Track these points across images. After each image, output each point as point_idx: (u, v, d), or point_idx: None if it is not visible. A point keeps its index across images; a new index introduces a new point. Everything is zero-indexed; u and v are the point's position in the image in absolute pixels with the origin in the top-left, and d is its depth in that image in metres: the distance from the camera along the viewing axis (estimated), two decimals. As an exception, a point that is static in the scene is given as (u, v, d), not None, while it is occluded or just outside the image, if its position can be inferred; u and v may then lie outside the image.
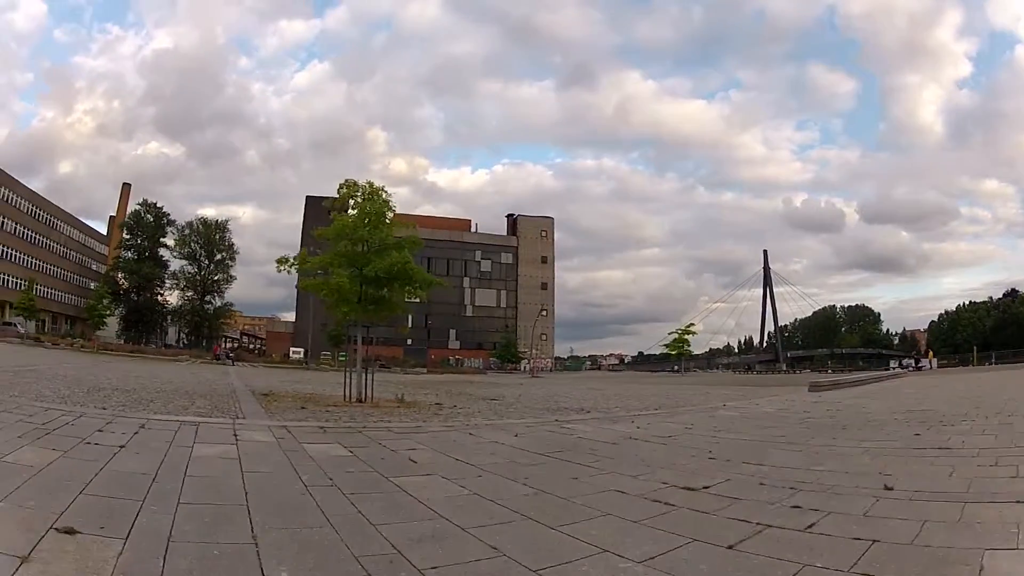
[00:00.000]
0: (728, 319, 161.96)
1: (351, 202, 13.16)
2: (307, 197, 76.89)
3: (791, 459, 5.84)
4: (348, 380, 12.29)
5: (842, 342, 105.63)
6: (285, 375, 29.20)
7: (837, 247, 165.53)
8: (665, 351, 73.69)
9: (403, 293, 13.31)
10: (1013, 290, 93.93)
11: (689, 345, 70.02)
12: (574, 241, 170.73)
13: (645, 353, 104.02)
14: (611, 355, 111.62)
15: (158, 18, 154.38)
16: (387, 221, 12.93)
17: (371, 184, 12.88)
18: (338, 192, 13.18)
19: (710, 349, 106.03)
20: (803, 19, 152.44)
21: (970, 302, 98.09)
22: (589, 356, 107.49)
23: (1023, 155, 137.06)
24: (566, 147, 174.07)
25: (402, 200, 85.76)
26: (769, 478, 4.81)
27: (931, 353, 53.10)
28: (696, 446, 6.92)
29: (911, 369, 47.22)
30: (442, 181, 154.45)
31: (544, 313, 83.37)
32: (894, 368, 53.46)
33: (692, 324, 73.57)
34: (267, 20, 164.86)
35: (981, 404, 12.19)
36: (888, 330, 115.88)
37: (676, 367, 67.92)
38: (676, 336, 69.27)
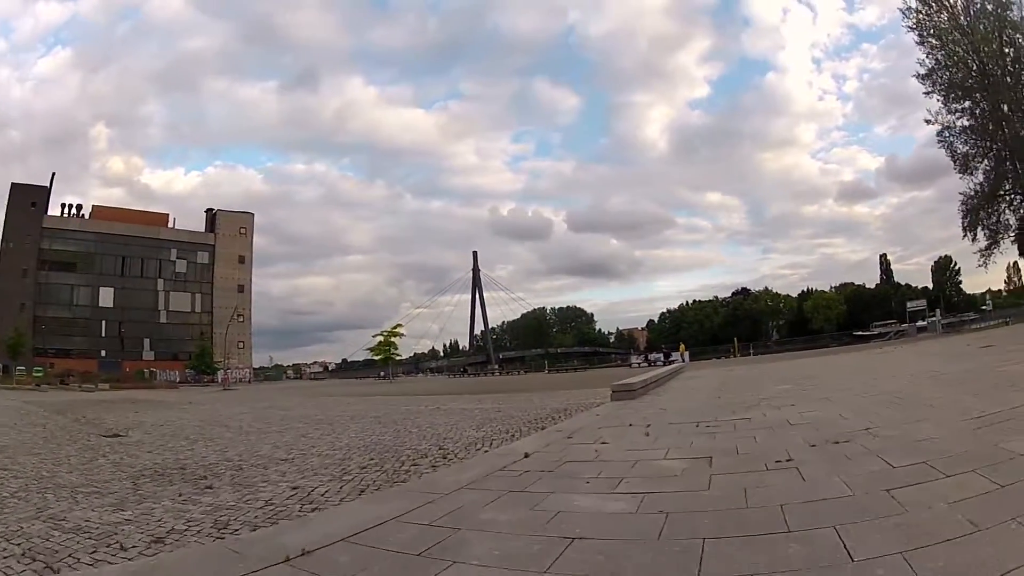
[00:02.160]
0: (432, 324, 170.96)
1: None
2: (12, 184, 73.09)
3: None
4: None
5: (555, 342, 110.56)
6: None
7: (544, 254, 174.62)
8: (371, 356, 70.60)
9: None
10: (744, 289, 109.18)
11: (397, 349, 66.41)
12: (280, 247, 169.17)
13: (349, 360, 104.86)
14: (315, 363, 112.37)
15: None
16: None
17: None
18: None
19: (415, 354, 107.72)
20: (539, 36, 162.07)
21: (695, 300, 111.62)
22: (293, 365, 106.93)
23: (754, 171, 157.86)
24: (281, 151, 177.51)
25: (116, 203, 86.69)
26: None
27: (683, 347, 54.90)
28: None
29: (660, 364, 46.25)
30: (156, 183, 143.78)
31: (241, 318, 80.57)
32: (638, 364, 53.62)
33: (399, 326, 69.15)
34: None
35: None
36: (601, 329, 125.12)
37: (383, 373, 63.88)
38: (381, 339, 64.37)
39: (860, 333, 64.96)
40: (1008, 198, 39.16)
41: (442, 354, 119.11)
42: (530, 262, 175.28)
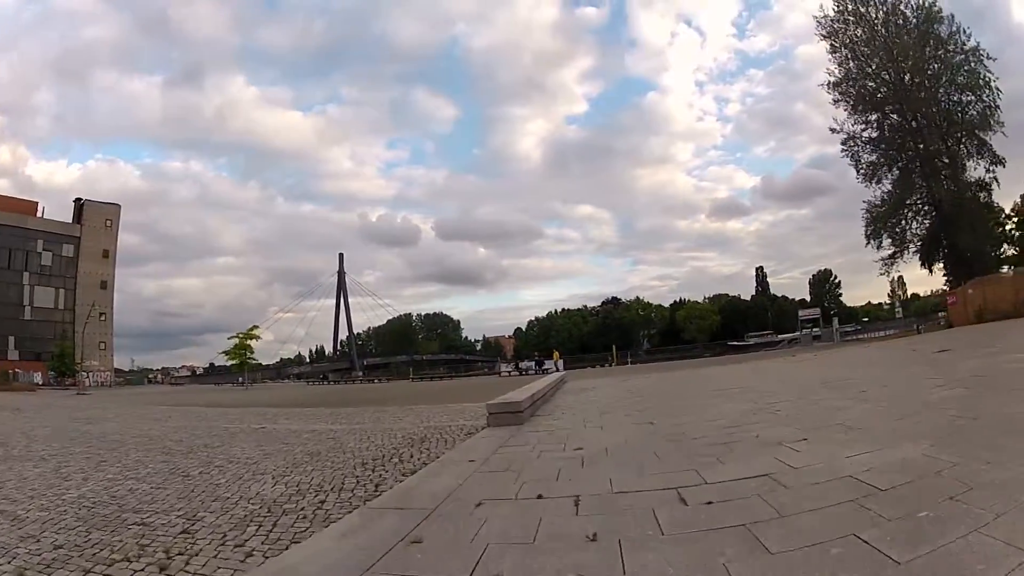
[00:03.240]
0: (298, 328, 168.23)
1: None
2: None
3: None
4: None
5: (421, 348, 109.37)
6: None
7: (412, 260, 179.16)
8: (229, 361, 65.95)
9: None
10: (615, 298, 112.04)
11: (253, 352, 62.77)
12: (154, 246, 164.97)
13: (217, 364, 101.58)
14: (183, 367, 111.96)
15: None
16: None
17: None
18: None
19: (280, 359, 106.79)
20: (424, 45, 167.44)
21: (564, 309, 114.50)
22: (162, 368, 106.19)
23: (628, 186, 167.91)
24: (160, 147, 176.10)
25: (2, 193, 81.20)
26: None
27: (556, 354, 54.82)
28: None
29: (532, 372, 44.49)
30: (39, 175, 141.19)
31: (102, 317, 78.14)
32: (508, 372, 51.14)
33: (255, 327, 65.89)
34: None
35: None
36: (468, 337, 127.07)
37: (241, 379, 61.07)
38: (237, 342, 60.88)
39: (736, 343, 66.23)
40: (916, 207, 40.06)
41: (307, 359, 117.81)
42: (398, 268, 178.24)
